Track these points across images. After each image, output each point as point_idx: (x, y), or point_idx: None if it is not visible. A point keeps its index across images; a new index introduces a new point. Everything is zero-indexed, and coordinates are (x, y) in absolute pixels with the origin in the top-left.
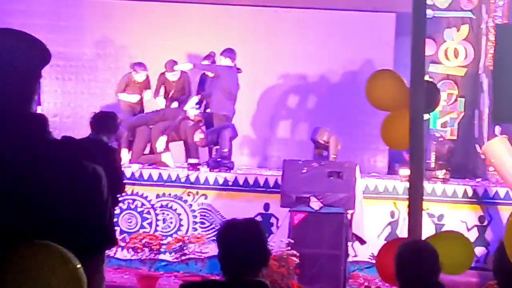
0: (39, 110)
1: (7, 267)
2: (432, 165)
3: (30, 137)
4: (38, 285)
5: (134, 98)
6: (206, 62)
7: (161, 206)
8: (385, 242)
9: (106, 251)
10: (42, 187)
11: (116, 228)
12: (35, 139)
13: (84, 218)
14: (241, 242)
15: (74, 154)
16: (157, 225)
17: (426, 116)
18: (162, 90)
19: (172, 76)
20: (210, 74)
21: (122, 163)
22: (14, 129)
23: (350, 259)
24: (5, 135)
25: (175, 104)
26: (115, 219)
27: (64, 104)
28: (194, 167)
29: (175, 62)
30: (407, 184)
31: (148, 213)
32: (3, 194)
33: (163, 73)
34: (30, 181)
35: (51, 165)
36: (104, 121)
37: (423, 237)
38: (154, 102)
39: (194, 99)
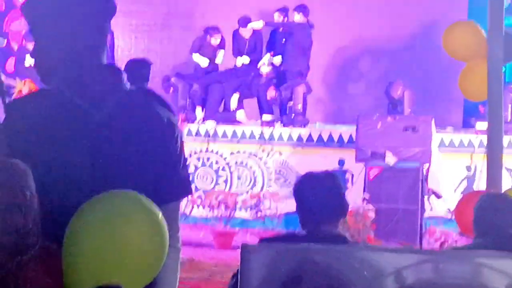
0: None
1: (88, 215)
2: (509, 118)
3: (107, 86)
4: (119, 233)
5: (204, 63)
6: (277, 15)
7: (236, 163)
8: (462, 195)
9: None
10: (118, 135)
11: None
12: (112, 89)
13: (160, 166)
14: (319, 194)
15: (149, 103)
16: (232, 182)
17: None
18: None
19: (245, 32)
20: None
21: (197, 120)
22: (91, 79)
23: (426, 214)
24: (83, 86)
25: (246, 59)
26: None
27: None
28: (268, 123)
29: (248, 19)
30: (484, 138)
31: (223, 170)
32: (82, 142)
33: (236, 30)
34: (107, 129)
35: (127, 113)
36: (140, 69)
37: (502, 191)
38: (226, 62)
39: (267, 56)
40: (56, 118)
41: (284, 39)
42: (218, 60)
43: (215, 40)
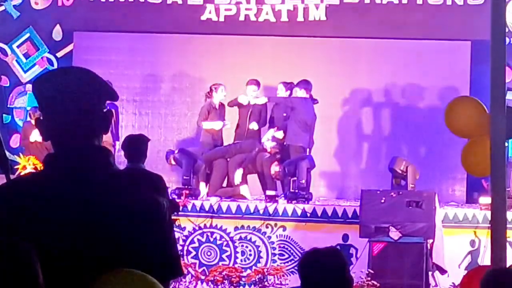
0: (117, 145)
1: None
2: None
3: (93, 169)
4: None
5: (217, 125)
6: (281, 86)
7: (240, 239)
8: (466, 271)
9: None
10: (103, 219)
11: (195, 261)
12: (98, 171)
13: (148, 249)
14: (323, 270)
15: (134, 185)
16: (236, 258)
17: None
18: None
19: (253, 98)
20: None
21: (201, 196)
22: (77, 162)
23: None
24: (68, 168)
25: (255, 125)
26: (193, 252)
27: None
28: (272, 199)
29: (257, 81)
30: (487, 213)
31: (227, 245)
32: (66, 225)
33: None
34: (92, 212)
35: (113, 196)
36: (137, 146)
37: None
38: (232, 134)
39: (271, 131)
40: (42, 203)
41: (285, 114)
42: (227, 125)
43: (218, 96)
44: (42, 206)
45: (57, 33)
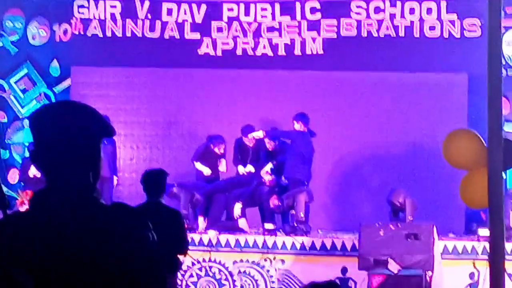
0: (114, 180)
1: None
2: (511, 224)
3: (76, 204)
4: None
5: (206, 171)
6: (266, 141)
7: (239, 273)
8: None
9: None
10: (89, 255)
11: None
12: (83, 207)
13: (134, 281)
14: None
15: (121, 220)
16: None
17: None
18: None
19: (248, 141)
20: (267, 145)
21: (199, 230)
22: (62, 197)
23: None
24: (52, 203)
25: (251, 168)
26: (192, 287)
27: (139, 173)
28: (270, 232)
29: (251, 127)
30: (487, 244)
31: (226, 279)
32: (53, 263)
33: (239, 139)
34: (73, 247)
35: (98, 232)
36: (157, 181)
37: None
38: (229, 169)
39: (269, 164)
40: (29, 237)
41: (284, 148)
42: (222, 168)
43: (218, 150)
44: (30, 240)
45: (54, 68)
